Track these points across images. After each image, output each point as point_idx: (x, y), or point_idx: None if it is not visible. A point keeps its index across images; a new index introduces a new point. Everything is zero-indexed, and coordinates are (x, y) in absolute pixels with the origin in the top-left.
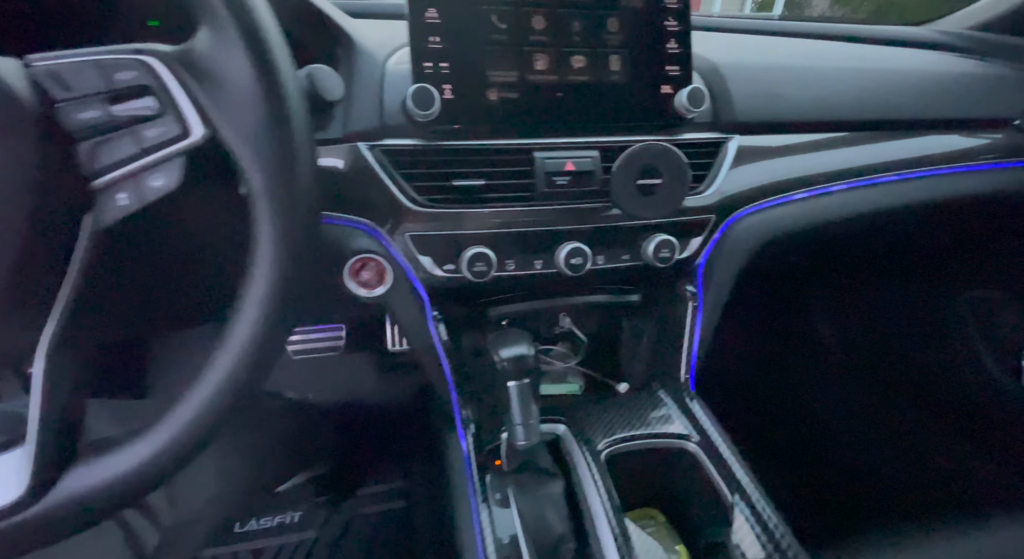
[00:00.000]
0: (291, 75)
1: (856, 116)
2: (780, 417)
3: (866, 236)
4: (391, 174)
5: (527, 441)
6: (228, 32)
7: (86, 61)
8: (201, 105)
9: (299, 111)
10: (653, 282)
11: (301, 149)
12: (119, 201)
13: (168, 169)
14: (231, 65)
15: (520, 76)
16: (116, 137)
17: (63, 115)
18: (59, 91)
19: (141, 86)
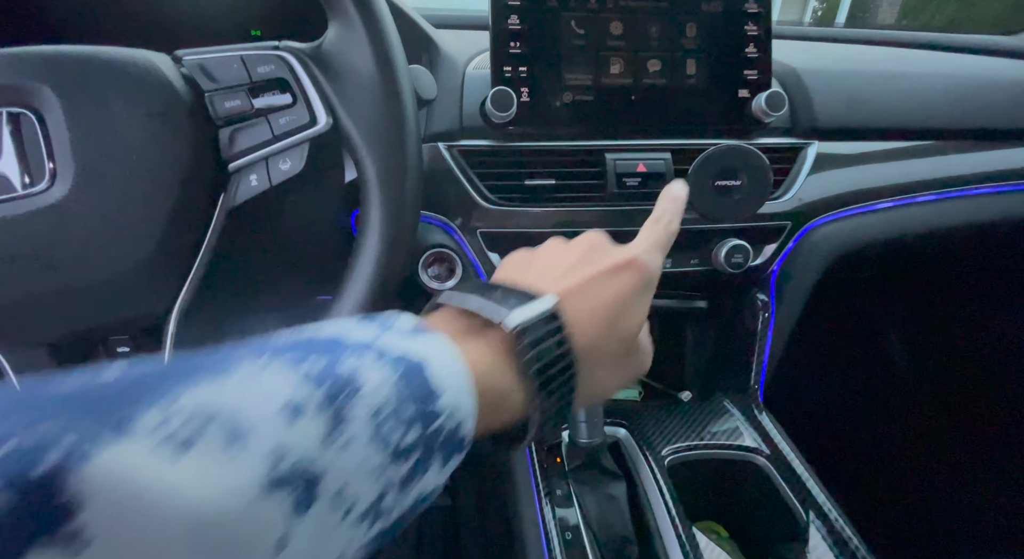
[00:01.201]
0: (407, 74)
1: (946, 124)
2: (851, 437)
3: (952, 251)
4: (466, 173)
5: (590, 439)
6: (355, 31)
7: (232, 56)
8: (327, 96)
9: (412, 107)
10: (722, 289)
11: (411, 141)
12: (251, 182)
13: (295, 154)
14: (357, 60)
15: (595, 79)
16: (253, 124)
17: (211, 103)
18: (207, 82)
19: (278, 79)
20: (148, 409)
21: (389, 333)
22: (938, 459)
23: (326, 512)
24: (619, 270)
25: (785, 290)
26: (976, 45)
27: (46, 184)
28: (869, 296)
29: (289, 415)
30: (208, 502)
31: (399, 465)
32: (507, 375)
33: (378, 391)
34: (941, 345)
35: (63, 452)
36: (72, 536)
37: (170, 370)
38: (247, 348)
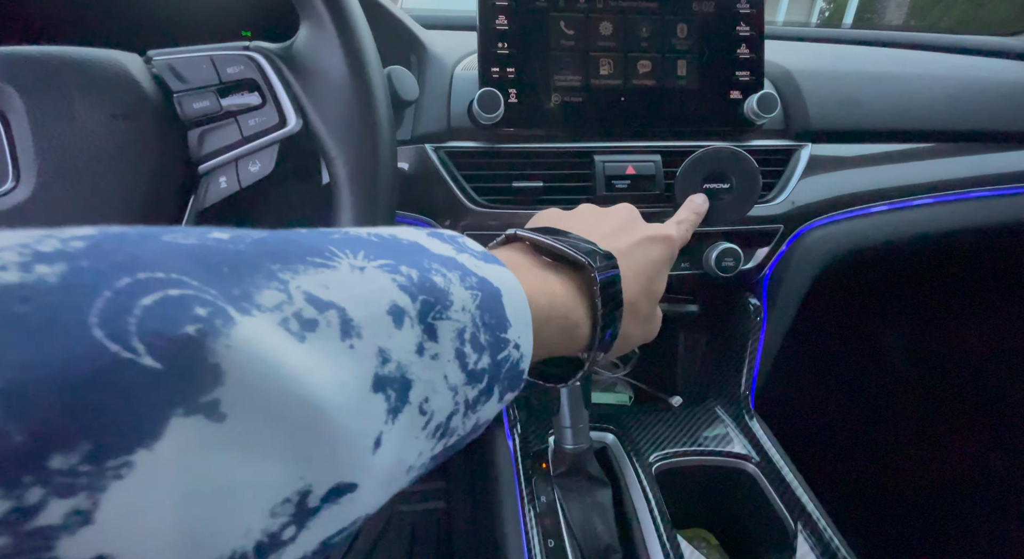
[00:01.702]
0: (380, 74)
1: (945, 126)
2: (843, 444)
3: (949, 256)
4: (453, 175)
5: (576, 445)
6: (326, 31)
7: (201, 56)
8: (297, 97)
9: (385, 107)
10: (714, 293)
11: (384, 143)
12: (220, 184)
13: (264, 156)
14: (327, 61)
15: (584, 80)
16: (222, 125)
17: (179, 104)
18: (176, 83)
19: (247, 79)
20: (267, 283)
21: (466, 253)
22: (932, 467)
23: (412, 419)
24: (654, 241)
25: (777, 295)
26: (977, 46)
27: (10, 185)
28: (863, 301)
29: (394, 319)
30: (328, 390)
31: (471, 386)
32: (577, 309)
33: (463, 310)
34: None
35: (207, 313)
36: (213, 406)
37: (273, 246)
38: (335, 240)
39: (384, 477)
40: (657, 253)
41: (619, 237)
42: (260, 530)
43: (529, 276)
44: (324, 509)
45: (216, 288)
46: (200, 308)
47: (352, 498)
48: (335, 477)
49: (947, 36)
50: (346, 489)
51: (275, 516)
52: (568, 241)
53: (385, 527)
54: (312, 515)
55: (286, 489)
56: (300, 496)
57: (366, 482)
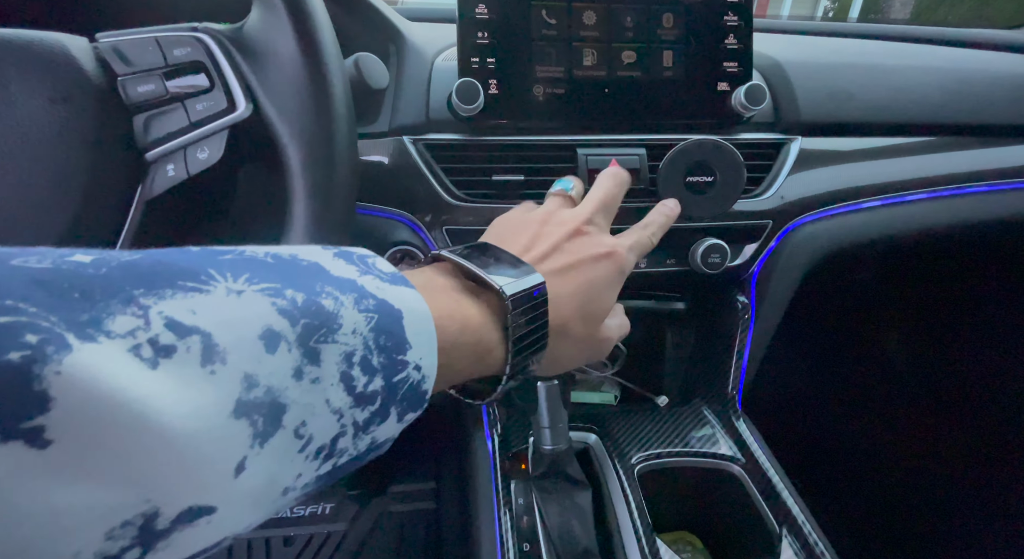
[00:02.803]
0: (336, 58)
1: (939, 119)
2: (833, 445)
3: (942, 252)
4: (432, 168)
5: (554, 446)
6: (277, 11)
7: (147, 38)
8: (247, 81)
9: (341, 93)
10: (701, 290)
11: (341, 130)
12: (168, 172)
13: (213, 142)
14: (278, 44)
15: (567, 71)
16: (168, 111)
17: (123, 88)
18: (121, 65)
19: (194, 62)
20: (124, 308)
21: (370, 275)
22: (923, 469)
23: (285, 443)
24: (600, 258)
25: (766, 292)
26: (976, 39)
27: None
28: (854, 299)
29: (265, 344)
30: (178, 417)
31: (361, 409)
32: (493, 333)
33: (354, 334)
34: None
35: (37, 341)
36: (35, 432)
37: (143, 269)
38: (221, 262)
39: (251, 499)
40: (599, 272)
41: (558, 256)
42: (93, 553)
43: (442, 299)
44: (176, 531)
45: (58, 314)
46: (31, 335)
47: (211, 520)
48: (187, 500)
49: (945, 29)
50: (202, 513)
51: (113, 539)
52: (491, 263)
53: (373, 527)
54: (161, 537)
55: (125, 512)
56: (145, 518)
57: (227, 505)
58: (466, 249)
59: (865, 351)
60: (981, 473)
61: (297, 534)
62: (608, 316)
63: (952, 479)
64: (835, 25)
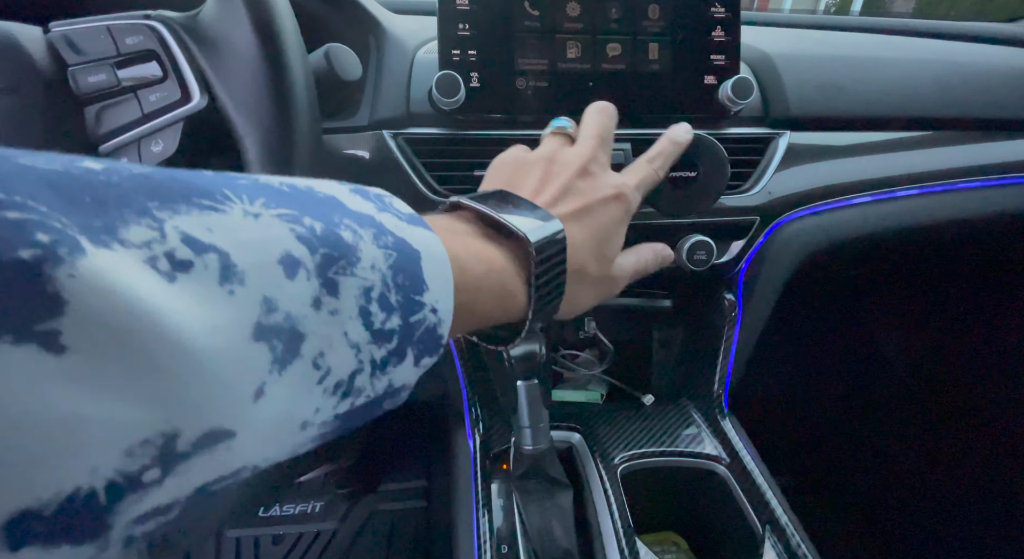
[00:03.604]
0: (295, 47)
1: (932, 113)
2: (819, 445)
3: (934, 249)
4: (412, 163)
5: (534, 446)
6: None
7: (98, 26)
8: (202, 71)
9: (301, 84)
10: (688, 288)
11: (300, 122)
12: None
13: (167, 135)
14: (234, 33)
15: (550, 64)
16: (120, 102)
17: (73, 79)
18: (72, 55)
19: (147, 51)
20: (139, 219)
21: (388, 212)
22: (910, 471)
23: (304, 373)
24: (608, 201)
25: (753, 289)
26: (972, 32)
27: None
28: (844, 297)
29: (285, 269)
30: (196, 334)
31: (378, 346)
32: (516, 278)
33: (373, 269)
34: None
35: (49, 240)
36: (50, 337)
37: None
38: (236, 185)
39: (269, 429)
40: (610, 215)
41: (569, 200)
42: (112, 469)
43: (465, 242)
44: (196, 455)
45: (70, 217)
46: (42, 234)
47: (230, 446)
48: (207, 423)
49: (939, 22)
50: (222, 437)
51: (132, 457)
52: (512, 209)
53: (363, 526)
54: (181, 460)
55: (145, 430)
56: (165, 438)
57: (246, 431)
58: (483, 196)
59: (854, 350)
60: (968, 474)
61: (287, 533)
62: (622, 254)
63: (938, 480)
64: (826, 18)
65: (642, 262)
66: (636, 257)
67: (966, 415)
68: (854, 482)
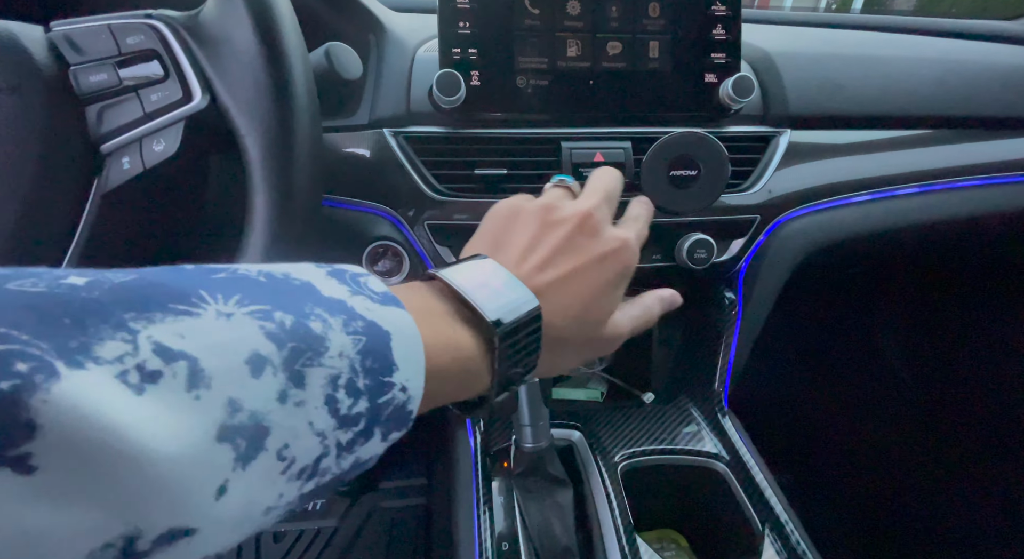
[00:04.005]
0: (296, 46)
1: (932, 112)
2: (822, 442)
3: (935, 248)
4: (413, 162)
5: (534, 443)
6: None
7: (100, 26)
8: (203, 71)
9: (302, 83)
10: (688, 286)
11: (301, 121)
12: (123, 165)
13: (169, 134)
14: (235, 33)
15: (550, 63)
16: (122, 101)
17: (74, 78)
18: (73, 55)
19: (148, 50)
20: (114, 333)
21: (361, 295)
22: (911, 470)
23: (268, 465)
24: (605, 258)
25: (753, 288)
26: (973, 30)
27: None
28: (844, 295)
29: (251, 369)
30: (160, 442)
31: (344, 430)
32: (482, 362)
33: (340, 356)
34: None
35: (27, 369)
36: (21, 460)
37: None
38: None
39: (233, 521)
40: (604, 274)
41: (559, 263)
42: None
43: (437, 324)
44: (156, 553)
45: (49, 341)
46: (21, 363)
47: (191, 541)
48: (168, 523)
49: (940, 19)
50: (183, 534)
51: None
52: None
53: (364, 523)
54: (141, 557)
55: (107, 535)
56: (126, 540)
57: (208, 527)
58: (462, 264)
59: (854, 348)
60: (970, 473)
61: (287, 530)
62: (620, 309)
63: (940, 479)
64: (827, 16)
65: (646, 316)
66: (640, 310)
67: (966, 414)
68: (854, 480)
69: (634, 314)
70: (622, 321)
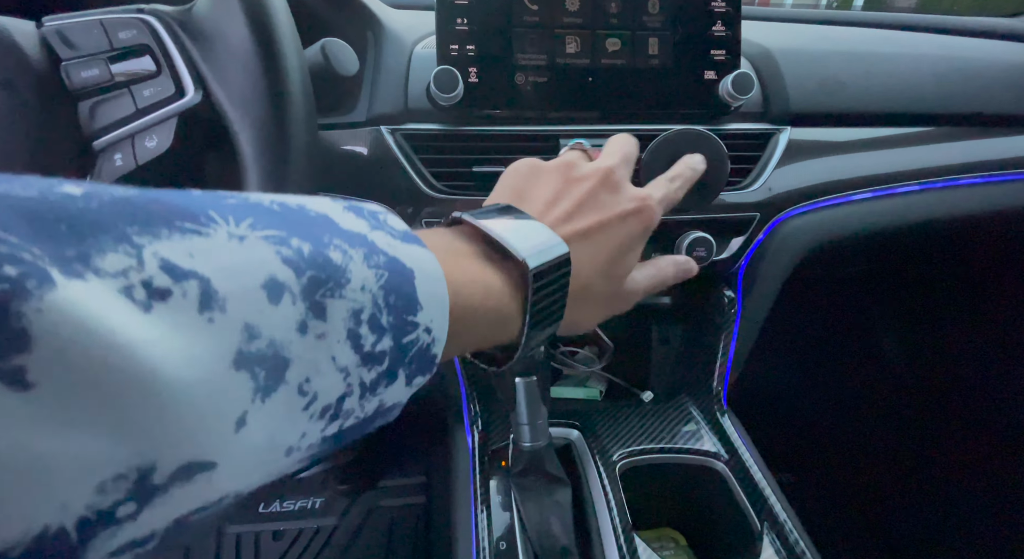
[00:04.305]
0: (290, 41)
1: (933, 109)
2: (822, 441)
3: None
4: (411, 159)
5: (533, 442)
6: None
7: (91, 20)
8: (196, 66)
9: (297, 79)
10: (687, 284)
11: (295, 117)
12: (116, 162)
13: (162, 130)
14: (229, 27)
15: (549, 59)
16: (114, 97)
17: (66, 74)
18: (65, 50)
19: (141, 45)
20: (116, 246)
21: (381, 231)
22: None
23: (289, 400)
24: (628, 216)
25: (753, 286)
26: (974, 27)
27: None
28: (844, 293)
29: (268, 294)
30: (172, 365)
31: (368, 369)
32: (512, 303)
33: (363, 290)
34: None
35: (17, 274)
36: (15, 373)
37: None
38: (223, 205)
39: (252, 457)
40: (627, 231)
41: (584, 215)
42: (83, 505)
43: (462, 264)
44: (174, 487)
45: (42, 247)
46: (9, 267)
47: (210, 477)
48: (185, 455)
49: (941, 17)
50: (201, 468)
51: (104, 492)
52: (514, 228)
53: (363, 522)
54: (158, 493)
55: (118, 465)
56: (140, 473)
57: (227, 462)
58: (487, 212)
59: (854, 347)
60: (969, 472)
61: (287, 528)
62: (637, 267)
63: (939, 478)
64: (827, 13)
65: (660, 276)
66: (655, 271)
67: (965, 411)
68: (853, 479)
69: (649, 273)
70: (639, 278)
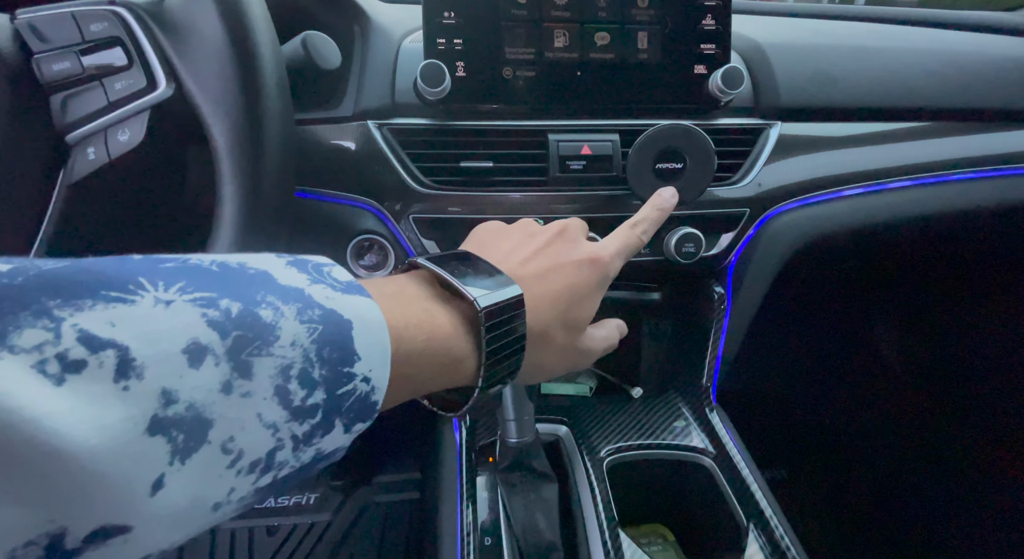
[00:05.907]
0: (265, 34)
1: (928, 104)
2: (811, 438)
3: (929, 241)
4: (398, 154)
5: (519, 438)
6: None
7: (63, 13)
8: (168, 59)
9: (271, 72)
10: (677, 280)
11: (270, 110)
12: (88, 155)
13: (134, 124)
14: (201, 19)
15: (538, 53)
16: (86, 90)
17: (38, 67)
18: (37, 43)
19: (112, 37)
20: (34, 321)
21: (321, 284)
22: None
23: (212, 459)
24: (580, 265)
25: (742, 282)
26: (981, 22)
27: None
28: (834, 289)
29: (189, 358)
30: (82, 434)
31: (299, 422)
32: (466, 345)
33: (293, 346)
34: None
35: None
36: None
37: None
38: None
39: (172, 517)
40: (582, 278)
41: (539, 260)
42: None
43: (412, 308)
44: (89, 551)
45: None
46: None
47: (127, 539)
48: (97, 520)
49: (937, 11)
50: (116, 531)
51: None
52: (468, 272)
53: (357, 518)
54: (71, 556)
55: (28, 532)
56: (51, 538)
57: (144, 523)
58: (443, 257)
59: (845, 343)
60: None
61: (280, 524)
62: (593, 326)
63: (928, 475)
64: (819, 7)
65: (611, 339)
66: (606, 332)
67: (958, 408)
68: (841, 476)
69: (603, 335)
70: (596, 336)
